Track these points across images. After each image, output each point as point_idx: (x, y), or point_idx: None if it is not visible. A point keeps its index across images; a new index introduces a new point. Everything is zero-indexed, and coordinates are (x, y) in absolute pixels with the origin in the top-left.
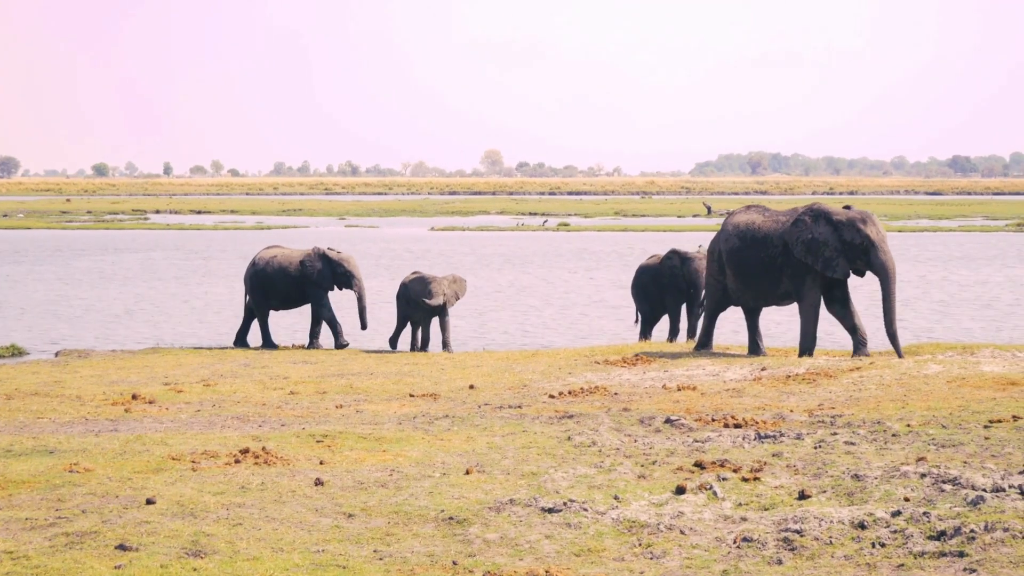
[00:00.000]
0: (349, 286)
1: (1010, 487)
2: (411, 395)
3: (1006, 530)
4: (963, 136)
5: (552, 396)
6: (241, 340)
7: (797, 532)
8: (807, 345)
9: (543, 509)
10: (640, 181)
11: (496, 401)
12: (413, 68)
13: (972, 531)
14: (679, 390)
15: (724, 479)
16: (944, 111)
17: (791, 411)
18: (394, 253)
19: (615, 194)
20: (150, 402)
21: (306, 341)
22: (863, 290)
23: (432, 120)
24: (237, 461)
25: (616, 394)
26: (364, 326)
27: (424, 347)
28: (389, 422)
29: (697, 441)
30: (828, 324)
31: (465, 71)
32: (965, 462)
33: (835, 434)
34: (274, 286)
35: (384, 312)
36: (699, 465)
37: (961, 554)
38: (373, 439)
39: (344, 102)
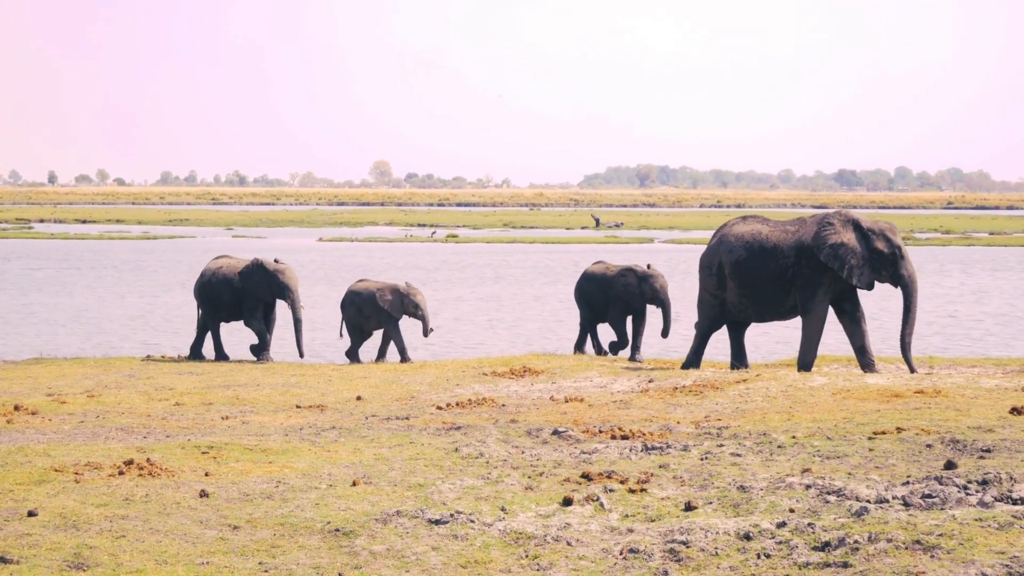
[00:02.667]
0: (283, 298)
1: (893, 498)
2: (298, 406)
3: (889, 541)
4: (849, 150)
5: (440, 408)
6: (196, 353)
7: (683, 543)
8: (807, 360)
9: (430, 521)
10: (529, 193)
11: (383, 412)
12: (301, 78)
13: (856, 542)
14: (567, 402)
15: (611, 490)
16: (831, 125)
17: (678, 423)
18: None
19: (504, 206)
20: (33, 413)
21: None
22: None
23: (320, 130)
24: (121, 473)
25: (504, 406)
26: (301, 353)
27: (382, 357)
28: (275, 433)
29: (584, 453)
30: (718, 338)
31: (353, 81)
32: (849, 473)
33: (721, 446)
34: (220, 297)
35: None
36: (586, 476)
37: (845, 564)
38: (259, 450)
39: (231, 112)
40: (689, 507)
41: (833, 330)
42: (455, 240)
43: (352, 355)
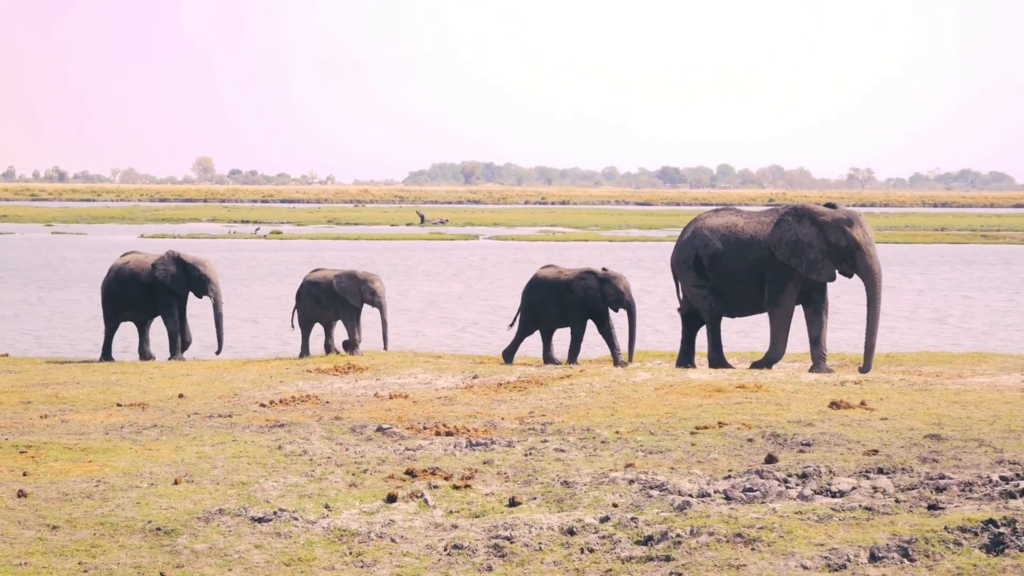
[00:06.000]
0: (205, 292)
1: (715, 492)
2: (118, 404)
3: (711, 534)
4: (672, 148)
5: (263, 405)
6: (107, 354)
7: (507, 539)
8: (776, 354)
9: (253, 519)
10: (354, 189)
11: (206, 410)
12: (120, 70)
13: (678, 535)
14: (391, 398)
15: (435, 487)
16: (654, 123)
17: (502, 419)
18: (103, 261)
19: (328, 202)
20: None
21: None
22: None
23: (142, 126)
24: None
25: (328, 403)
26: (220, 349)
27: (351, 348)
28: (96, 432)
29: (409, 449)
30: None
31: (174, 76)
32: (672, 468)
33: (545, 441)
34: (126, 294)
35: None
36: (410, 473)
37: (668, 558)
38: (79, 449)
39: (50, 105)
40: (513, 503)
41: (660, 326)
42: (279, 236)
43: (305, 349)
